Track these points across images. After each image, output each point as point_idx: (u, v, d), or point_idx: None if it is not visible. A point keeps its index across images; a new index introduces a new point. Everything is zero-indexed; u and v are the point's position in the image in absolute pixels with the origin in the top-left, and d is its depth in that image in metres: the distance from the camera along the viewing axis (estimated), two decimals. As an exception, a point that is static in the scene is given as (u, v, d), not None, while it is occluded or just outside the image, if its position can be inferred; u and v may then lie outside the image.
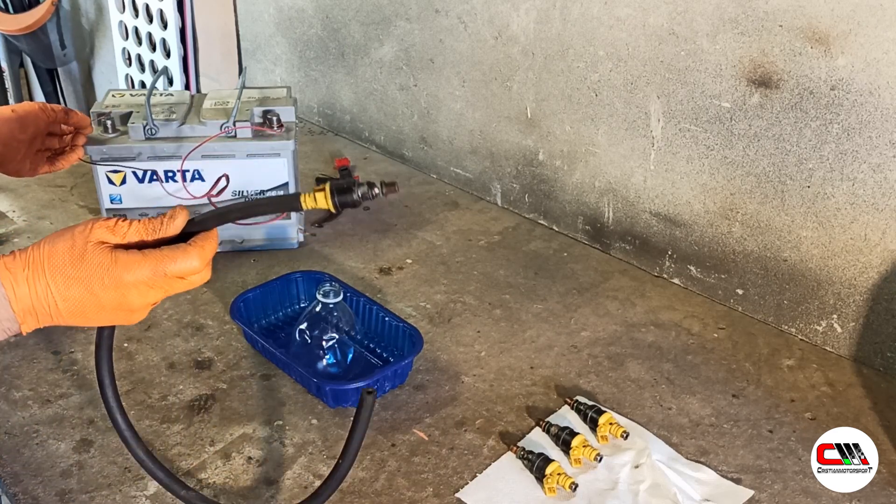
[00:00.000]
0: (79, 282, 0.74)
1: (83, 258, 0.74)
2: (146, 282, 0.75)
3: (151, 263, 0.76)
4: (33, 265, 0.73)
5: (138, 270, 0.75)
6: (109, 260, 0.74)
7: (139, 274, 0.75)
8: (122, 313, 0.77)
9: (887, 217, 1.16)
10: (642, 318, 1.36)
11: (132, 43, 2.46)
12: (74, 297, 0.74)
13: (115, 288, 0.74)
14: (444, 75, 1.72)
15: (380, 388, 1.15)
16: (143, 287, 0.75)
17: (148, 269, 0.75)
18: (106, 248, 0.75)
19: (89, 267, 0.74)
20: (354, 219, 1.65)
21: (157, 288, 0.76)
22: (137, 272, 0.75)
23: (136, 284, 0.75)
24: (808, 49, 1.16)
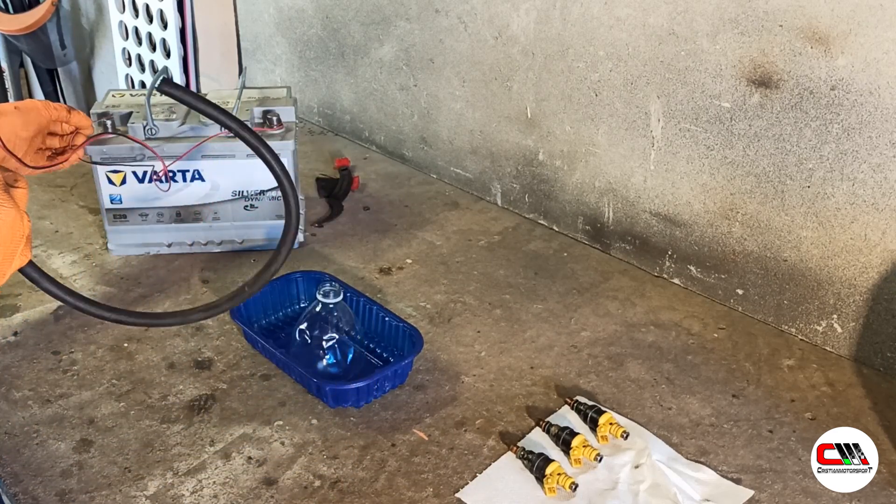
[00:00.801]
0: None
1: None
2: (15, 216, 0.74)
3: (6, 198, 0.74)
4: None
5: (6, 206, 0.73)
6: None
7: (10, 210, 0.73)
8: (18, 241, 0.75)
9: (887, 217, 1.16)
10: (642, 318, 1.36)
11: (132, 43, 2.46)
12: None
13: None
14: (444, 75, 1.72)
15: (380, 387, 1.15)
16: (18, 224, 0.74)
17: (10, 205, 0.74)
18: None
19: None
20: (354, 219, 1.65)
21: (22, 224, 0.75)
22: (7, 207, 0.73)
23: (10, 223, 0.74)
24: (808, 49, 1.16)
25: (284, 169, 1.05)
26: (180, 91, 0.99)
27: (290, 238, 1.06)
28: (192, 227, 1.48)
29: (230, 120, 1.03)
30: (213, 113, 1.02)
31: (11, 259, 0.75)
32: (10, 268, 0.77)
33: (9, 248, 0.74)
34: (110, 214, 1.45)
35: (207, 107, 1.01)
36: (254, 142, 1.04)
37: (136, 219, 1.45)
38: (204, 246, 1.50)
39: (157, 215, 1.45)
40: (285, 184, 1.04)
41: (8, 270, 0.77)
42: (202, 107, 1.01)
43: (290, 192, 1.04)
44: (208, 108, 1.01)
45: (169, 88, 0.98)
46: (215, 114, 1.02)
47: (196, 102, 1.01)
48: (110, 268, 1.46)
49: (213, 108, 1.01)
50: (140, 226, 1.46)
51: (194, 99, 1.01)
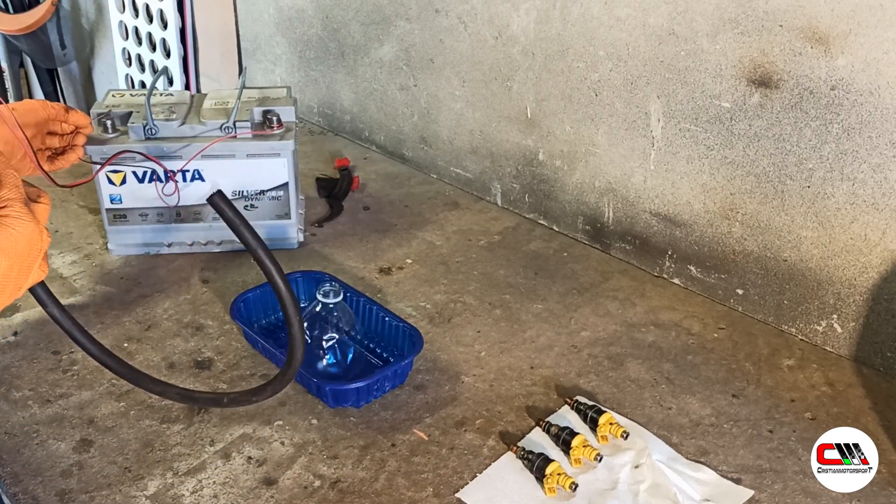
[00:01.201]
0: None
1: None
2: (35, 230, 0.74)
3: (27, 211, 0.73)
4: None
5: (26, 219, 0.73)
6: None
7: (29, 223, 0.73)
8: (24, 269, 0.74)
9: (887, 217, 1.16)
10: (642, 318, 1.36)
11: (132, 43, 2.46)
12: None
13: (21, 238, 0.72)
14: (444, 75, 1.72)
15: (380, 387, 1.15)
16: (37, 237, 0.74)
17: (30, 218, 0.73)
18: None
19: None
20: (354, 219, 1.65)
21: (42, 236, 0.75)
22: (27, 220, 0.73)
23: (29, 236, 0.73)
24: (808, 49, 1.16)
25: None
26: (230, 208, 0.90)
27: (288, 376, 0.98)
28: (192, 227, 1.48)
29: (267, 260, 0.94)
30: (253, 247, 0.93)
31: (28, 273, 0.76)
32: (27, 281, 0.77)
33: (26, 262, 0.74)
34: (110, 214, 1.45)
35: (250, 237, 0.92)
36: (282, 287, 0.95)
37: (136, 219, 1.45)
38: (204, 246, 1.50)
39: (157, 215, 1.46)
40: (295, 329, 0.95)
41: (25, 284, 0.77)
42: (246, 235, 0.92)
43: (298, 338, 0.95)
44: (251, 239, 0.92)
45: (220, 201, 0.89)
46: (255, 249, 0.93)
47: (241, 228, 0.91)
48: (110, 268, 1.46)
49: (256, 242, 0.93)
50: (140, 226, 1.46)
51: (241, 222, 0.91)
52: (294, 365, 0.95)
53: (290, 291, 0.93)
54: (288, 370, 0.96)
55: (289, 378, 0.97)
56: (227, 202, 0.89)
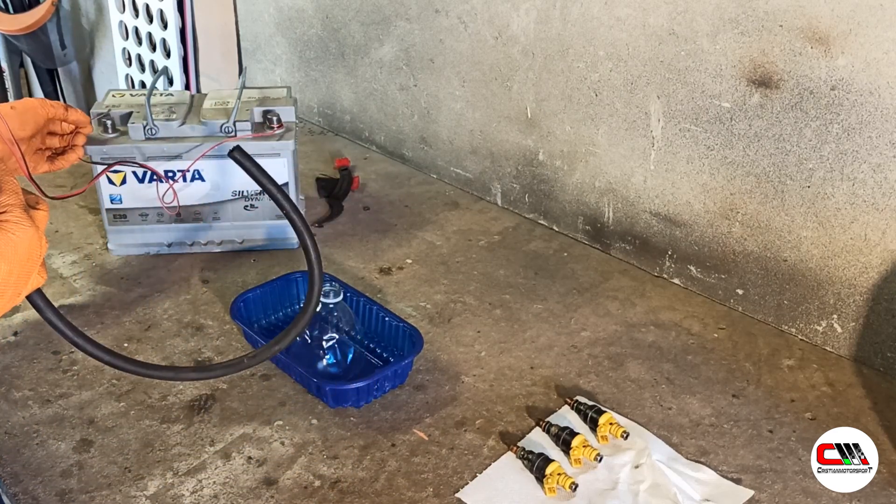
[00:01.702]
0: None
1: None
2: (34, 235, 0.73)
3: (25, 217, 0.72)
4: None
5: (26, 223, 0.72)
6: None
7: (28, 228, 0.72)
8: (24, 275, 0.73)
9: (887, 217, 1.16)
10: (642, 318, 1.36)
11: (132, 43, 2.46)
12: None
13: (21, 243, 0.71)
14: (444, 75, 1.72)
15: (380, 388, 1.15)
16: (36, 243, 0.73)
17: (30, 223, 0.72)
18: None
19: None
20: (354, 219, 1.65)
21: (41, 241, 0.74)
22: (27, 225, 0.72)
23: (29, 241, 0.72)
24: (808, 49, 1.16)
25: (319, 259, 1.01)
26: (250, 162, 0.95)
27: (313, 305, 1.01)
28: (192, 227, 1.48)
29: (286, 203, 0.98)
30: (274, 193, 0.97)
31: (28, 278, 0.75)
32: (27, 288, 0.76)
33: (25, 268, 0.74)
34: (110, 214, 1.45)
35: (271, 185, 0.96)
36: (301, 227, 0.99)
37: (136, 219, 1.45)
38: (204, 246, 1.50)
39: (157, 215, 1.46)
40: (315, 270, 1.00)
41: (24, 290, 0.76)
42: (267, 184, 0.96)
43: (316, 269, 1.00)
44: (272, 186, 0.96)
45: (240, 156, 0.94)
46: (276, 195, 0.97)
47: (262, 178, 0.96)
48: (110, 268, 1.46)
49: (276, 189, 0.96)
50: (140, 226, 1.46)
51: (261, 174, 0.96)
52: (312, 302, 0.98)
53: (314, 244, 0.98)
54: (308, 308, 0.98)
55: (307, 319, 0.99)
56: (247, 156, 0.94)
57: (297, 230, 0.98)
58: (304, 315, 1.00)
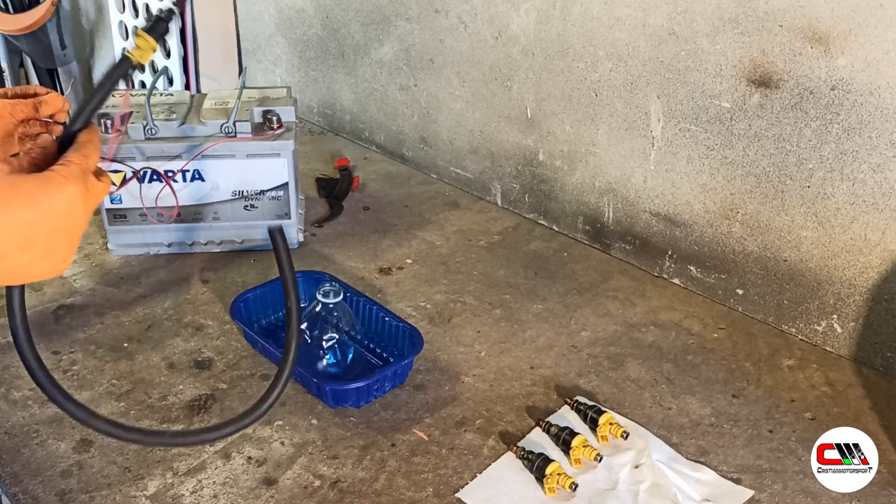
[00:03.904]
0: (20, 204, 0.66)
1: (14, 182, 0.67)
2: (79, 190, 0.70)
3: (69, 168, 0.70)
4: None
5: (65, 178, 0.69)
6: (36, 178, 0.68)
7: (68, 180, 0.69)
8: (74, 231, 0.70)
9: (887, 217, 1.16)
10: (642, 318, 1.36)
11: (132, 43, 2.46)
12: (22, 224, 0.66)
13: (57, 196, 0.68)
14: (444, 75, 1.72)
15: (380, 388, 1.15)
16: (77, 197, 0.69)
17: (71, 175, 0.70)
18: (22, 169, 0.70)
19: (24, 185, 0.67)
20: (354, 219, 1.65)
21: (87, 198, 0.71)
22: (66, 179, 0.69)
23: (71, 194, 0.69)
24: (808, 49, 1.16)
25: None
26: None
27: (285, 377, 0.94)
28: (192, 227, 1.48)
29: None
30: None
31: (59, 243, 0.70)
32: (55, 256, 0.70)
33: (59, 228, 0.69)
34: (110, 214, 1.45)
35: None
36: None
37: (136, 219, 1.45)
38: (204, 246, 1.50)
39: (158, 216, 1.46)
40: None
41: (52, 257, 0.70)
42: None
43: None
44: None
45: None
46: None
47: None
48: (110, 268, 1.46)
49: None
50: (140, 226, 1.46)
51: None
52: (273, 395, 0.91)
53: (297, 343, 0.92)
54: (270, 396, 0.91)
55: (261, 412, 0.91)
56: (283, 239, 0.89)
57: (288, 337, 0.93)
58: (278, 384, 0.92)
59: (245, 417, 0.88)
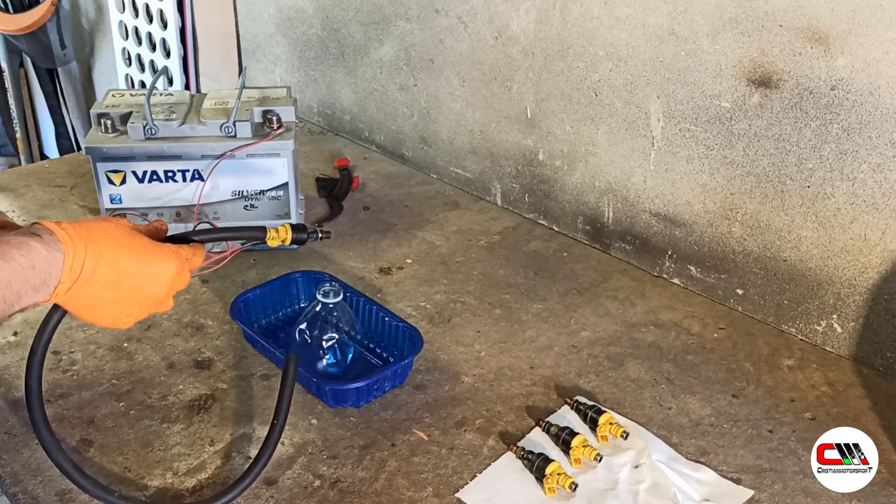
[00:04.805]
0: (131, 251, 0.79)
1: (134, 235, 0.80)
2: (176, 268, 0.83)
3: (178, 252, 0.85)
4: (87, 232, 0.76)
5: (172, 255, 0.84)
6: (151, 242, 0.82)
7: (173, 258, 0.83)
8: (152, 297, 0.83)
9: (887, 217, 1.16)
10: (642, 318, 1.36)
11: (132, 43, 2.46)
12: (123, 265, 0.78)
13: (158, 261, 0.81)
14: (444, 75, 1.72)
15: (380, 388, 1.15)
16: (171, 272, 0.83)
17: (176, 257, 0.84)
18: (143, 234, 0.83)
19: (140, 241, 0.80)
20: (354, 219, 1.65)
21: (176, 278, 0.84)
22: (172, 256, 0.84)
23: (168, 268, 0.83)
24: (808, 49, 1.16)
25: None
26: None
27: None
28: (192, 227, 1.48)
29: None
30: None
31: (125, 306, 0.83)
32: (115, 313, 0.83)
33: (134, 295, 0.83)
34: (110, 214, 1.45)
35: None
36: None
37: (136, 219, 1.45)
38: (205, 248, 1.50)
39: (157, 215, 1.45)
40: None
41: (109, 313, 0.83)
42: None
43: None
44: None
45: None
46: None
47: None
48: (110, 268, 1.45)
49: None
50: (140, 226, 1.46)
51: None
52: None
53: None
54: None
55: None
56: (295, 370, 1.05)
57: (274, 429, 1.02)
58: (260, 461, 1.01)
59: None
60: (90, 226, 0.78)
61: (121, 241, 0.79)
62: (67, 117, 3.04)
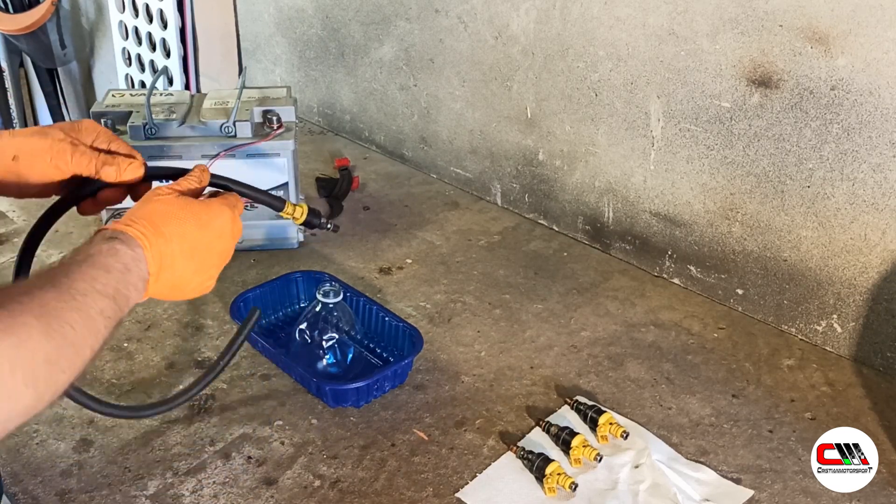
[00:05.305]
0: (190, 219, 0.81)
1: (183, 202, 0.82)
2: (230, 216, 0.86)
3: (225, 202, 0.87)
4: (149, 220, 0.77)
5: (223, 207, 0.86)
6: (200, 203, 0.84)
7: (225, 209, 0.86)
8: (223, 252, 0.86)
9: (887, 217, 1.16)
10: (642, 318, 1.36)
11: (132, 43, 2.46)
12: (191, 236, 0.80)
13: (215, 217, 0.84)
14: (444, 75, 1.72)
15: (380, 387, 1.15)
16: (228, 223, 0.86)
17: (227, 207, 0.86)
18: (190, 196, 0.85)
19: (192, 205, 0.82)
20: (354, 219, 1.65)
21: (234, 227, 0.87)
22: (224, 208, 0.86)
23: (225, 220, 0.86)
24: (808, 49, 1.16)
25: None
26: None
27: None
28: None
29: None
30: None
31: (205, 271, 0.84)
32: (199, 281, 0.84)
33: (208, 258, 0.85)
34: (110, 214, 1.45)
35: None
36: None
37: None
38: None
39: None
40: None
41: (195, 282, 0.84)
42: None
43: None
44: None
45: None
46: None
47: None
48: (110, 268, 1.45)
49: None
50: (140, 226, 1.46)
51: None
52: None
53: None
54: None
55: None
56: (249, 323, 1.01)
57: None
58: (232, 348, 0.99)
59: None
60: (147, 213, 0.79)
61: (177, 216, 0.80)
62: (67, 117, 3.04)
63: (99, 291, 0.66)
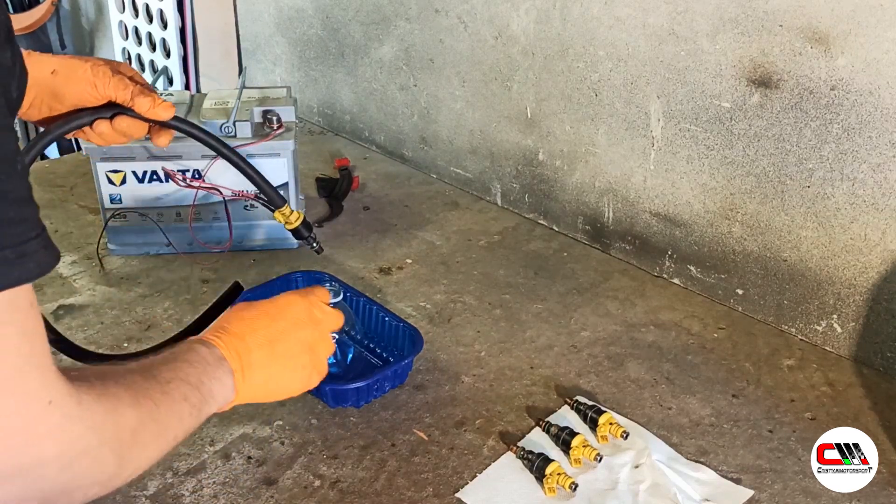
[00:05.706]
0: (257, 316, 0.82)
1: (246, 304, 0.85)
2: (300, 301, 0.88)
3: (299, 291, 0.91)
4: (216, 325, 0.80)
5: (288, 294, 0.89)
6: (265, 300, 0.87)
7: (290, 296, 0.88)
8: (308, 339, 0.85)
9: (887, 217, 1.16)
10: (642, 318, 1.36)
11: (132, 43, 2.46)
12: (262, 329, 0.81)
13: (282, 306, 0.86)
14: (444, 75, 1.72)
15: (380, 388, 1.15)
16: (298, 306, 0.87)
17: (293, 294, 0.90)
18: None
19: (255, 304, 0.85)
20: (354, 219, 1.65)
21: (309, 310, 0.87)
22: (289, 295, 0.89)
23: (291, 302, 0.87)
24: (808, 49, 1.16)
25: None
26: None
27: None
28: (192, 226, 1.48)
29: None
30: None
31: (293, 360, 0.84)
32: (290, 376, 0.85)
33: (288, 345, 0.83)
34: (110, 214, 1.45)
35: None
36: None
37: (136, 219, 1.45)
38: (204, 246, 1.50)
39: (157, 215, 1.45)
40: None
41: (287, 379, 0.85)
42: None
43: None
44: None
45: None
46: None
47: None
48: (110, 268, 1.46)
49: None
50: (140, 226, 1.46)
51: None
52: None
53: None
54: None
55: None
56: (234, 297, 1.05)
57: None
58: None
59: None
60: (214, 325, 0.80)
61: (242, 316, 0.81)
62: (67, 117, 3.04)
63: (182, 379, 0.68)
